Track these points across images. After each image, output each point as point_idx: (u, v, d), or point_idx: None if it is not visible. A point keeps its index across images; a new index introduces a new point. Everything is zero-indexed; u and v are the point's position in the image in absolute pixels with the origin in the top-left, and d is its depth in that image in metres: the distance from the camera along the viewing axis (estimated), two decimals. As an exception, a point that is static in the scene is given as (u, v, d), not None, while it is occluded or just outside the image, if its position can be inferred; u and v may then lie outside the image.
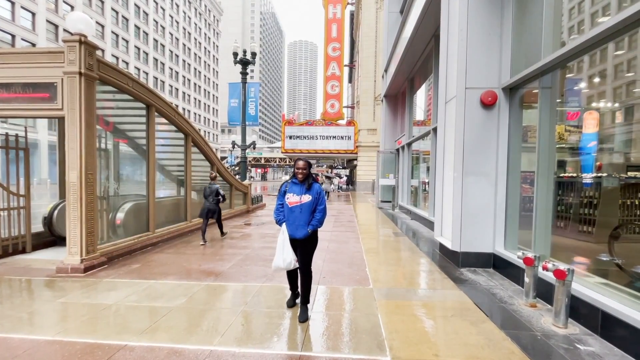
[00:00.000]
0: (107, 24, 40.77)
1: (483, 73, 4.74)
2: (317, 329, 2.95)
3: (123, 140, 6.71)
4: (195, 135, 7.94)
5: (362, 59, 28.19)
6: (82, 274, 4.39)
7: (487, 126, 4.75)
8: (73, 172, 4.54)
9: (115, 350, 2.55)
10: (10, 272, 4.51)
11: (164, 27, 53.29)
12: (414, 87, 11.25)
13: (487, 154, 4.77)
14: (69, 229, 4.55)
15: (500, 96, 4.71)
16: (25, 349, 2.56)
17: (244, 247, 6.31)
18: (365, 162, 27.51)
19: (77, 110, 4.51)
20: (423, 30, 7.82)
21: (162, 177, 7.90)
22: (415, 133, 10.91)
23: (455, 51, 4.94)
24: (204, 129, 66.46)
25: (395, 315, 3.25)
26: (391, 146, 13.63)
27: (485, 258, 4.84)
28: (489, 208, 4.80)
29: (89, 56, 4.58)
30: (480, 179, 4.79)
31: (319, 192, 3.25)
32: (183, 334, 2.83)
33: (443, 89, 5.46)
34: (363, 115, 28.08)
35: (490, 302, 3.59)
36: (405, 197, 12.01)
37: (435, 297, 3.76)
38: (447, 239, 5.24)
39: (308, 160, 3.30)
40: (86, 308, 3.35)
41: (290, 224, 3.21)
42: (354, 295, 3.82)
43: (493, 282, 4.27)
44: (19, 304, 3.45)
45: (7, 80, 4.66)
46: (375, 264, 5.11)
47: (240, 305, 3.47)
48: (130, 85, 5.47)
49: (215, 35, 74.30)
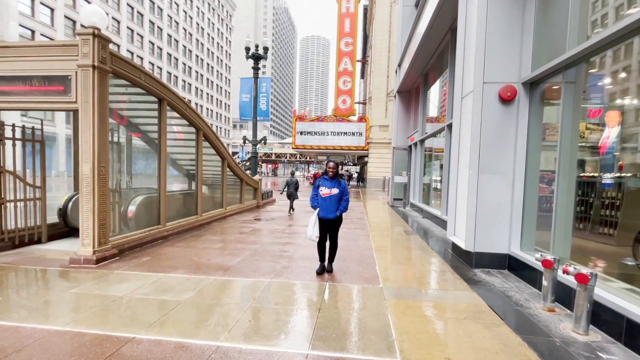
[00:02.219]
0: (123, 19, 41.36)
1: (502, 67, 4.54)
2: (326, 328, 2.89)
3: (136, 134, 6.76)
4: (207, 129, 7.95)
5: (375, 54, 27.80)
6: (94, 265, 4.45)
7: (505, 123, 4.57)
8: (86, 164, 4.58)
9: (123, 343, 2.55)
10: (26, 261, 4.61)
11: (177, 22, 53.76)
12: (428, 83, 10.99)
13: (504, 151, 4.59)
14: (82, 221, 4.61)
15: (519, 91, 4.51)
16: (36, 338, 2.58)
17: (254, 242, 6.30)
18: (376, 159, 27.23)
19: (90, 103, 4.54)
20: (439, 24, 7.59)
21: (173, 171, 7.96)
22: (428, 130, 10.68)
23: (473, 44, 4.75)
24: (216, 124, 67.07)
25: (406, 316, 3.16)
26: (403, 143, 13.40)
27: (500, 259, 4.68)
28: (505, 207, 4.63)
29: (102, 49, 4.60)
30: (496, 178, 4.62)
31: (344, 187, 4.42)
32: (190, 328, 2.81)
33: (459, 84, 5.28)
34: (375, 112, 27.75)
35: (505, 305, 3.46)
36: (417, 194, 11.81)
37: (448, 298, 3.65)
38: (461, 238, 5.09)
39: (337, 162, 4.43)
40: (97, 299, 3.38)
41: (323, 209, 4.36)
42: (363, 294, 3.75)
43: (508, 284, 4.13)
44: (33, 294, 3.51)
45: (23, 73, 4.72)
46: (385, 263, 5.02)
47: (248, 301, 3.45)
48: (142, 78, 5.48)
49: (228, 30, 74.57)
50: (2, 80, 4.81)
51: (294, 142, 27.67)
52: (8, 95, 4.82)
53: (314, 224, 4.34)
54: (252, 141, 14.19)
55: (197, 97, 59.78)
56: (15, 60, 4.74)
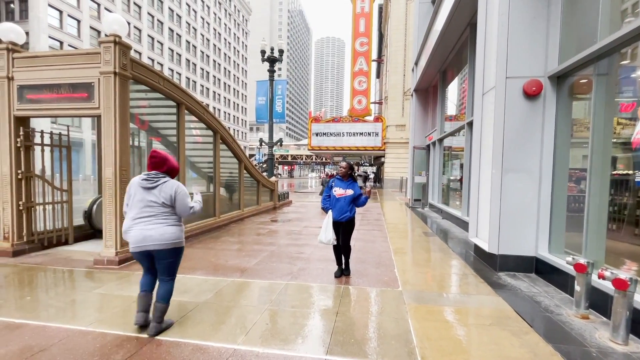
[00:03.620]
0: (144, 28, 42.85)
1: (526, 61, 4.34)
2: (343, 332, 2.82)
3: (156, 138, 6.93)
4: (224, 132, 8.06)
5: (391, 53, 27.47)
6: (117, 266, 4.57)
7: (530, 119, 4.36)
8: (108, 168, 4.72)
9: (143, 344, 2.58)
10: (54, 262, 4.80)
11: (195, 28, 55.17)
12: (446, 80, 10.72)
13: (530, 149, 4.37)
14: (105, 223, 4.75)
15: (546, 85, 4.29)
16: (61, 337, 2.65)
17: (270, 243, 6.31)
18: (393, 159, 26.87)
19: (112, 109, 4.67)
20: (457, 19, 7.37)
21: (192, 173, 8.11)
22: (447, 128, 10.41)
23: (494, 38, 4.56)
24: (233, 127, 68.28)
25: (427, 321, 3.05)
26: (421, 142, 13.12)
27: (527, 262, 4.46)
28: (531, 208, 4.41)
29: (123, 56, 4.73)
30: (521, 176, 4.41)
31: (359, 190, 4.25)
32: (208, 330, 2.81)
33: (480, 80, 5.09)
34: (391, 111, 27.40)
35: (533, 311, 3.27)
36: (436, 195, 11.52)
37: (471, 303, 3.49)
38: (483, 240, 4.90)
39: (350, 163, 4.33)
40: (119, 299, 3.45)
41: (335, 210, 4.19)
42: (382, 297, 3.65)
43: (536, 288, 3.92)
44: (59, 294, 3.63)
45: (50, 82, 4.92)
46: (404, 265, 4.89)
47: (265, 303, 3.42)
48: (161, 83, 5.61)
49: (244, 34, 75.85)
50: (32, 88, 5.04)
51: (310, 144, 27.70)
52: (37, 103, 5.05)
53: (327, 227, 4.12)
54: (268, 143, 14.31)
55: (215, 101, 61.07)
56: (43, 70, 4.95)
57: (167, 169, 2.81)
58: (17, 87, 5.05)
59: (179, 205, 2.78)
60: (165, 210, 2.74)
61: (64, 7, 31.61)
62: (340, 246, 4.31)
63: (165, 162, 2.79)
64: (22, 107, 5.07)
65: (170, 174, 2.84)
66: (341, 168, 4.27)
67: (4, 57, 5.02)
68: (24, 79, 5.03)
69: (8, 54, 5.02)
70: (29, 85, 5.03)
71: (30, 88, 5.04)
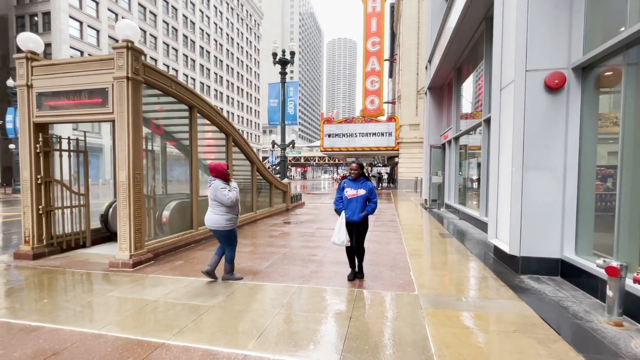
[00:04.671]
0: (159, 35, 43.95)
1: (548, 52, 4.12)
2: (357, 338, 2.71)
3: (171, 142, 7.02)
4: (236, 135, 8.09)
5: (403, 51, 27.13)
6: (131, 269, 4.61)
7: (552, 114, 4.13)
8: (122, 172, 4.78)
9: (153, 349, 2.55)
10: (71, 265, 4.89)
11: (209, 34, 56.20)
12: (462, 77, 10.43)
13: (553, 145, 4.14)
14: (119, 226, 4.81)
15: (569, 78, 4.05)
16: (73, 341, 2.66)
17: (283, 245, 6.25)
18: (407, 159, 26.46)
19: (125, 113, 4.73)
20: (472, 13, 7.14)
21: (205, 176, 8.16)
22: (463, 126, 10.12)
23: (512, 30, 4.36)
24: (246, 130, 69.07)
25: (445, 327, 2.90)
26: (436, 141, 12.82)
27: (551, 264, 4.22)
28: (556, 207, 4.18)
29: (135, 61, 4.78)
30: (544, 174, 4.18)
31: (371, 188, 4.15)
32: (219, 335, 2.76)
33: (497, 74, 4.88)
34: (405, 110, 27.03)
35: (561, 317, 3.07)
36: (453, 195, 11.22)
37: (492, 308, 3.31)
38: (504, 241, 4.68)
39: (360, 163, 4.25)
40: (132, 303, 3.46)
41: (348, 211, 4.13)
42: (397, 301, 3.52)
43: (562, 292, 3.69)
44: (76, 296, 3.67)
45: (67, 88, 5.03)
46: (420, 268, 4.73)
47: (277, 307, 3.35)
48: (173, 87, 5.66)
49: (257, 38, 76.74)
50: (50, 96, 5.17)
51: (322, 145, 27.66)
52: (55, 110, 5.18)
53: (340, 228, 4.06)
54: (280, 145, 14.32)
55: (228, 105, 61.97)
56: (60, 77, 5.07)
57: (216, 174, 4.05)
58: (36, 94, 5.19)
59: (219, 197, 3.95)
60: (215, 203, 4.02)
61: (83, 18, 32.82)
62: (354, 248, 4.22)
63: (213, 169, 4.05)
64: (41, 113, 5.21)
65: (219, 177, 4.06)
66: (352, 170, 4.21)
67: (23, 66, 5.17)
68: (43, 86, 5.16)
69: (27, 62, 5.17)
70: (47, 92, 5.16)
71: (48, 95, 5.17)
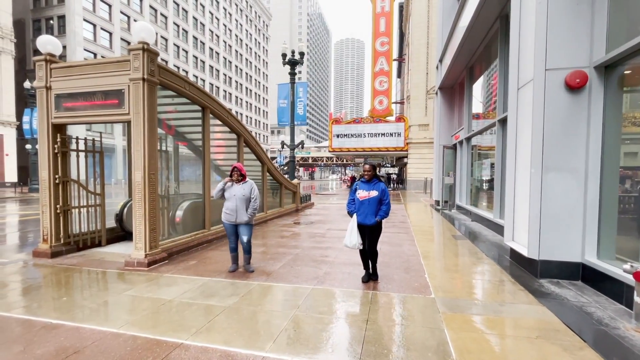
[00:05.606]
0: (170, 37, 44.52)
1: (568, 50, 4.01)
2: (375, 342, 2.68)
3: (182, 143, 7.08)
4: (247, 135, 8.12)
5: (413, 51, 26.92)
6: (146, 268, 4.65)
7: (573, 114, 4.02)
8: (138, 172, 4.83)
9: (172, 348, 2.56)
10: (88, 263, 4.96)
11: (218, 36, 56.70)
12: (474, 77, 10.28)
13: (573, 146, 4.04)
14: (135, 226, 4.86)
15: (591, 77, 3.94)
16: (94, 339, 2.69)
17: (294, 246, 6.24)
18: (417, 160, 26.25)
19: (141, 114, 4.78)
20: (486, 11, 7.02)
21: (217, 176, 8.21)
22: (475, 126, 9.97)
23: (531, 28, 4.27)
24: (255, 130, 69.45)
25: (465, 331, 2.84)
26: (447, 141, 12.67)
27: (572, 268, 4.11)
28: (577, 209, 4.07)
29: (150, 62, 4.83)
30: (564, 176, 4.08)
31: (383, 189, 4.06)
32: (235, 336, 2.76)
33: (514, 74, 4.78)
34: (414, 110, 26.82)
35: (585, 324, 2.98)
36: (464, 196, 11.06)
37: (512, 313, 3.24)
38: (521, 244, 4.58)
39: (373, 164, 4.17)
40: (149, 302, 3.49)
41: (360, 214, 4.05)
42: (413, 304, 3.46)
43: (585, 298, 3.58)
44: (93, 295, 3.72)
45: (84, 90, 5.12)
46: (435, 270, 4.66)
47: (292, 308, 3.34)
48: (187, 88, 5.70)
49: (265, 39, 77.13)
50: (68, 97, 5.27)
51: (331, 146, 27.64)
52: (72, 111, 5.27)
53: (352, 231, 4.01)
54: (290, 145, 14.34)
55: (237, 106, 62.41)
56: (77, 78, 5.16)
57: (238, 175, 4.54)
58: (55, 96, 5.29)
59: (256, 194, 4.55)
60: None
61: (97, 21, 33.46)
62: (367, 251, 4.16)
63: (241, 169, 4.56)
64: (59, 115, 5.31)
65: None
66: (365, 171, 4.11)
67: (42, 68, 5.28)
68: (61, 88, 5.26)
69: (46, 64, 5.27)
70: (65, 94, 5.26)
71: (66, 97, 5.27)
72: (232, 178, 4.53)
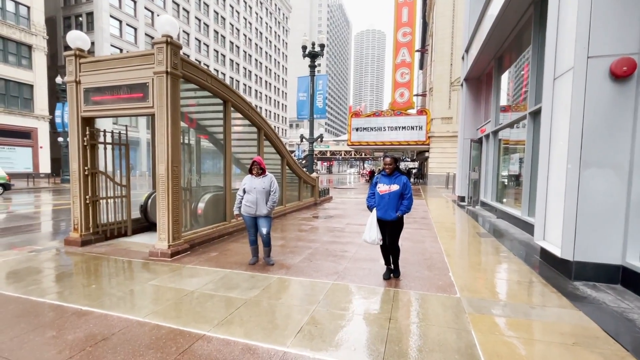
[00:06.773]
0: (192, 31, 45.23)
1: (614, 36, 3.68)
2: (399, 342, 2.60)
3: (204, 136, 7.16)
4: (267, 128, 8.12)
5: (437, 42, 26.02)
6: (169, 259, 4.76)
7: (618, 105, 3.71)
8: (161, 165, 4.92)
9: (194, 340, 2.58)
10: (114, 252, 5.14)
11: (238, 29, 57.06)
12: (503, 67, 9.77)
13: (617, 140, 3.73)
14: (158, 217, 4.97)
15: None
16: (121, 327, 2.76)
17: (313, 240, 6.22)
18: (439, 154, 25.56)
19: (164, 107, 4.85)
20: (519, -3, 6.60)
21: (237, 169, 8.29)
22: (503, 119, 9.51)
23: (572, 13, 3.95)
24: (274, 124, 69.87)
25: (494, 334, 2.70)
26: (472, 135, 12.19)
27: (610, 271, 3.84)
28: (618, 208, 3.78)
29: (174, 55, 4.87)
30: (605, 172, 3.79)
31: (405, 183, 3.88)
32: (256, 329, 2.75)
33: (551, 62, 4.47)
34: (437, 103, 26.03)
35: (627, 331, 2.77)
36: (490, 192, 10.64)
37: (545, 316, 3.06)
38: (554, 244, 4.33)
39: (394, 157, 3.98)
40: (172, 292, 3.55)
41: (380, 209, 3.92)
42: (438, 304, 3.34)
43: (625, 303, 3.34)
44: (120, 283, 3.84)
45: (111, 84, 5.25)
46: (459, 269, 4.50)
47: (313, 303, 3.30)
48: (209, 81, 5.73)
49: (285, 32, 76.93)
50: (96, 91, 5.42)
51: (350, 139, 27.35)
52: (100, 105, 5.42)
53: (372, 226, 3.91)
54: (309, 139, 14.28)
55: (256, 100, 62.91)
56: (105, 73, 5.29)
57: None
58: (84, 90, 5.46)
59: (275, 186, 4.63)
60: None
61: (123, 17, 34.44)
62: (388, 247, 4.06)
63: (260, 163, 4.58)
64: (88, 108, 5.48)
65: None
66: (386, 165, 3.95)
67: (72, 63, 5.45)
68: (89, 82, 5.41)
69: (76, 59, 5.44)
70: (93, 87, 5.41)
71: (94, 91, 5.42)
72: (252, 172, 4.56)
